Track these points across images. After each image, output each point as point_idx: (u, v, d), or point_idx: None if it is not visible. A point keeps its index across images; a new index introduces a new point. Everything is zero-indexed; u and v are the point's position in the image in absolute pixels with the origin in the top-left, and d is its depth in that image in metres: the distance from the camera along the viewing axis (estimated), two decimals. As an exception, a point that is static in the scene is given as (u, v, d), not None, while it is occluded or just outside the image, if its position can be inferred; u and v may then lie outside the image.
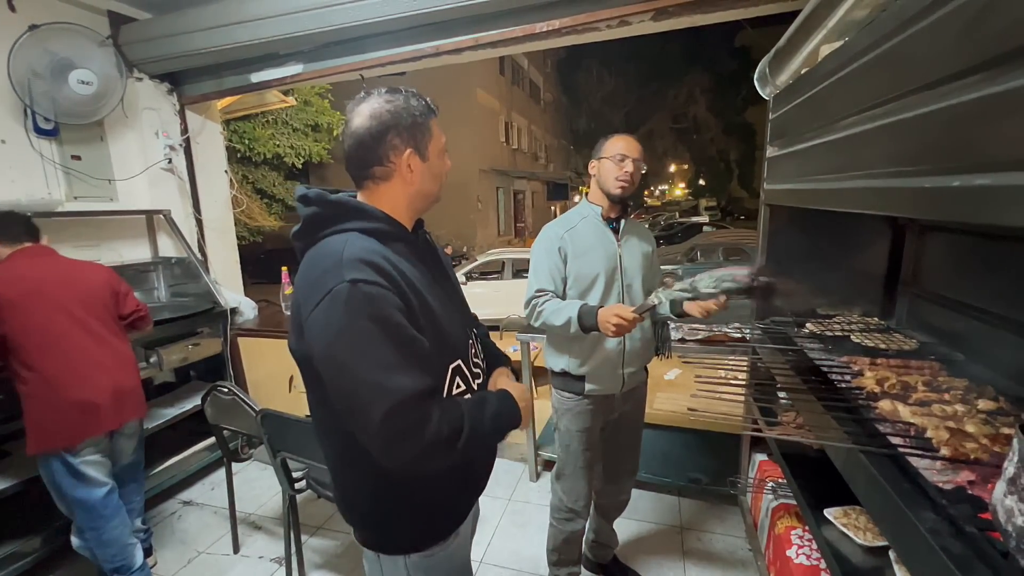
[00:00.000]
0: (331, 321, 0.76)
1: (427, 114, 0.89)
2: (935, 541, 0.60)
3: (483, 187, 15.48)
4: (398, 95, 0.87)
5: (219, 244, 3.06)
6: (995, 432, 0.80)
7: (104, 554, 1.72)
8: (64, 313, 1.64)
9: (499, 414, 0.90)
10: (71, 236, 2.44)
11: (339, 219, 0.86)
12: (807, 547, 1.44)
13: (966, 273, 1.27)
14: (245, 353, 2.86)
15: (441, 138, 0.93)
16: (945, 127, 0.62)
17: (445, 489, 0.95)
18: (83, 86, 2.27)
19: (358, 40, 2.28)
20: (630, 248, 1.55)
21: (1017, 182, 0.49)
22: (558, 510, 1.68)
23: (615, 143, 1.50)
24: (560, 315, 1.41)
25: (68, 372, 1.63)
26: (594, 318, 1.34)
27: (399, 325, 0.78)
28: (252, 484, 2.61)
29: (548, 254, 1.51)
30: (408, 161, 0.87)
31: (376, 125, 0.85)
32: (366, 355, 0.75)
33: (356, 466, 0.90)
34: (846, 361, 1.18)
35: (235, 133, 7.94)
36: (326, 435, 0.94)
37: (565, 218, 1.58)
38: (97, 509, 1.69)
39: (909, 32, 0.72)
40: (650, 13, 1.88)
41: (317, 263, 0.82)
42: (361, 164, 0.88)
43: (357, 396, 0.76)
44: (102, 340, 1.73)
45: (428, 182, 0.92)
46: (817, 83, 1.14)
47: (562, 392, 1.60)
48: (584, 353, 1.53)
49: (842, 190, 0.96)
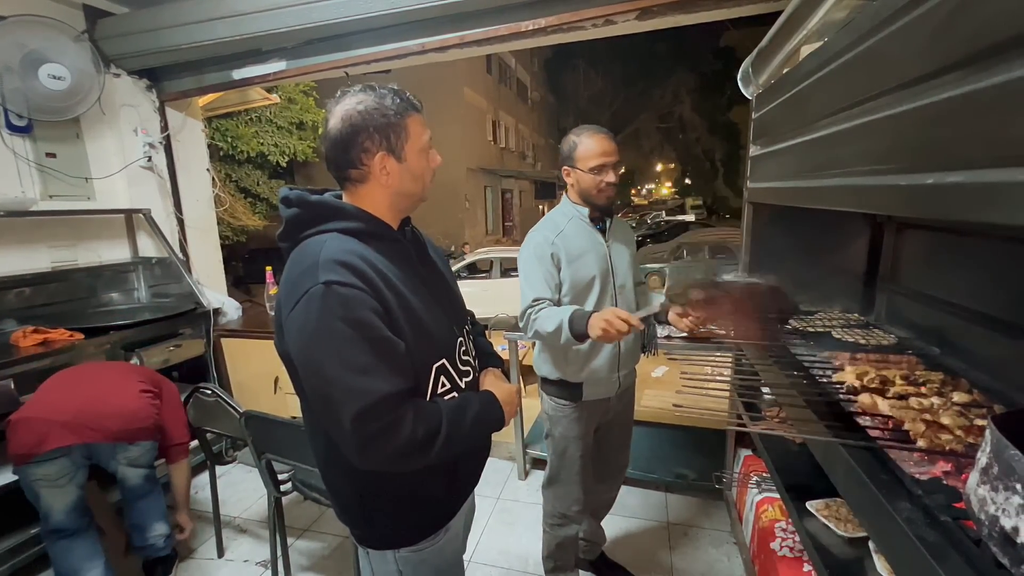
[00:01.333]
0: (306, 323, 0.76)
1: (404, 112, 0.86)
2: (911, 530, 0.61)
3: (471, 186, 15.43)
4: (371, 94, 0.85)
5: (201, 244, 3.01)
6: (969, 424, 0.82)
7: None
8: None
9: (479, 417, 0.90)
10: (47, 236, 2.38)
11: (319, 220, 0.86)
12: (790, 539, 1.47)
13: (941, 269, 1.30)
14: (229, 354, 2.81)
15: (422, 137, 0.90)
16: (919, 126, 0.64)
17: (432, 484, 0.95)
18: (54, 80, 2.20)
19: (342, 37, 2.26)
20: (618, 249, 1.53)
21: (988, 179, 0.50)
22: (552, 516, 1.66)
23: (590, 149, 1.42)
24: (551, 321, 1.32)
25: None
26: (585, 324, 1.26)
27: (373, 327, 0.78)
28: (237, 487, 2.57)
29: (540, 261, 1.44)
30: (382, 163, 0.86)
31: (347, 127, 0.83)
32: (338, 357, 0.75)
33: (340, 463, 0.89)
34: (827, 356, 1.20)
35: (217, 131, 7.81)
36: (313, 433, 0.94)
37: (551, 221, 1.52)
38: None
39: (884, 33, 0.73)
40: (635, 12, 1.89)
41: (297, 264, 0.82)
42: (338, 166, 0.87)
43: (330, 398, 0.77)
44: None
45: (408, 183, 0.90)
46: (797, 83, 1.16)
47: (557, 400, 1.55)
48: (581, 360, 1.49)
49: (821, 188, 0.98)
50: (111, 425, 1.63)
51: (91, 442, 1.60)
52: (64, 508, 1.60)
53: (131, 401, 1.70)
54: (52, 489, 1.58)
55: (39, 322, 2.13)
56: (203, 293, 2.70)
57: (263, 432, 1.68)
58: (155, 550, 1.83)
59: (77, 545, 1.63)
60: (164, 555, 1.86)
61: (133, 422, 1.67)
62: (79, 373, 1.77)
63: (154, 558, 1.85)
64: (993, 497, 0.52)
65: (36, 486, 1.57)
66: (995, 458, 0.53)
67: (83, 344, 2.11)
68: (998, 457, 0.52)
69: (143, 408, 1.71)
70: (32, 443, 1.52)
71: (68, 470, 1.60)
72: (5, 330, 2.14)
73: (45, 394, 1.65)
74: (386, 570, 0.96)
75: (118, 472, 1.73)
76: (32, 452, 1.52)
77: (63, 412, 1.57)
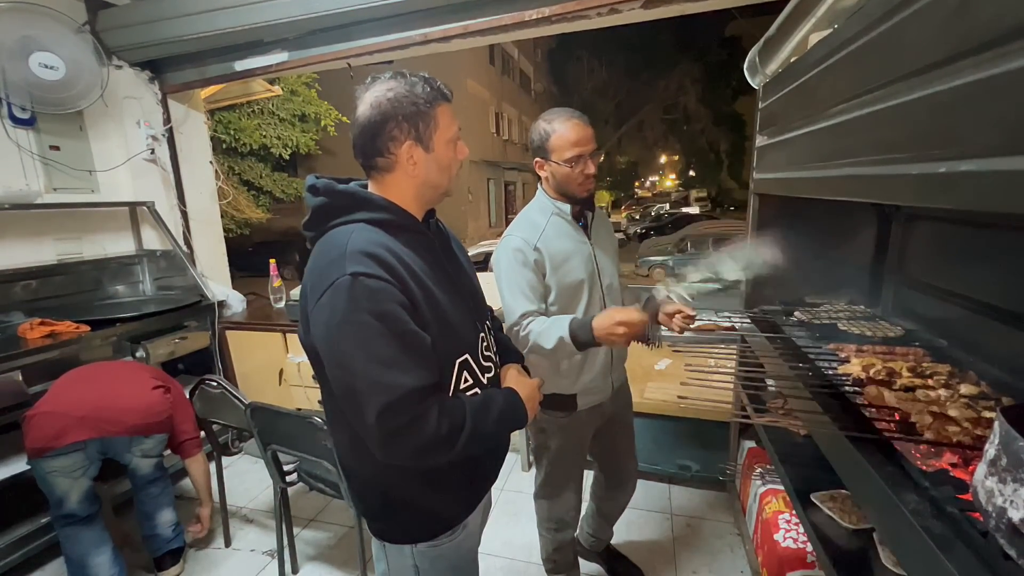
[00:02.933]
0: (333, 314, 0.75)
1: (434, 101, 0.85)
2: (917, 522, 0.61)
3: (474, 179, 15.40)
4: (402, 81, 0.84)
5: (205, 236, 3.01)
6: (977, 416, 0.81)
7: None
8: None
9: (504, 415, 0.90)
10: (52, 229, 2.39)
11: (347, 210, 0.85)
12: (794, 531, 1.47)
13: (949, 261, 1.29)
14: (233, 346, 2.83)
15: (451, 127, 0.88)
16: (931, 113, 0.63)
17: (454, 480, 0.95)
18: (46, 70, 2.15)
19: (344, 27, 2.24)
20: (601, 245, 1.43)
21: (1002, 167, 0.49)
22: (549, 521, 1.60)
23: (564, 138, 1.27)
24: (549, 337, 1.21)
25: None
26: (589, 332, 1.17)
27: (399, 320, 0.77)
28: (243, 478, 2.60)
29: (523, 268, 1.29)
30: (409, 152, 0.85)
31: (376, 115, 0.82)
32: (365, 350, 0.74)
33: (364, 457, 0.89)
34: (833, 348, 1.20)
35: (220, 123, 7.80)
36: (336, 426, 0.94)
37: (528, 221, 1.37)
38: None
39: (896, 19, 0.71)
40: (640, 1, 1.86)
41: (324, 254, 0.81)
42: (365, 154, 0.86)
43: (355, 391, 0.76)
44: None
45: (434, 174, 0.89)
46: (806, 72, 1.14)
47: (553, 412, 1.44)
48: (574, 371, 1.39)
49: (829, 178, 0.97)
50: (128, 419, 1.68)
51: (108, 436, 1.65)
52: (77, 497, 1.65)
53: (146, 395, 1.75)
54: (66, 479, 1.62)
55: (46, 314, 2.14)
56: (207, 286, 2.71)
57: (268, 424, 1.69)
58: (164, 541, 1.86)
59: (86, 531, 1.68)
60: (175, 548, 1.89)
61: (149, 416, 1.72)
62: (94, 371, 1.82)
63: (164, 552, 1.87)
64: (1001, 489, 0.52)
65: (51, 477, 1.61)
66: (1003, 450, 0.52)
67: (89, 336, 2.12)
68: (1006, 449, 0.52)
69: (158, 402, 1.76)
70: (50, 437, 1.56)
71: (82, 463, 1.65)
72: (12, 322, 2.15)
73: (62, 390, 1.69)
74: (402, 564, 0.96)
75: (131, 463, 1.78)
76: (50, 446, 1.56)
77: (80, 407, 1.62)
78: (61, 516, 1.65)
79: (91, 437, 1.61)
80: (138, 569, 1.94)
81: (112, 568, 1.70)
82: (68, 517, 1.65)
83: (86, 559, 1.67)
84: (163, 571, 1.87)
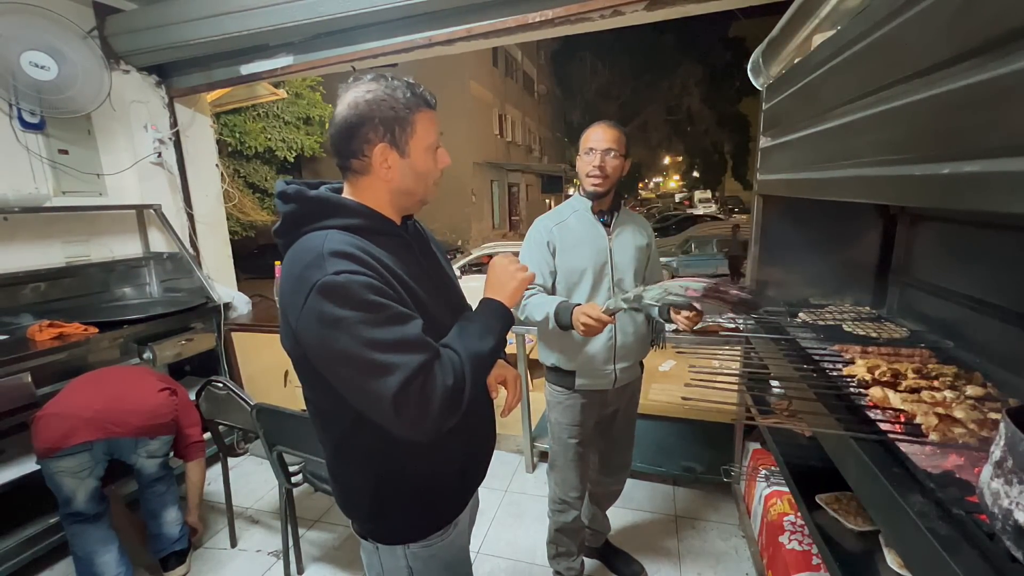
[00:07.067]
0: (323, 316, 0.74)
1: (413, 107, 0.84)
2: (923, 524, 0.61)
3: (477, 180, 15.41)
4: (383, 83, 0.83)
5: (211, 239, 3.03)
6: (983, 417, 0.81)
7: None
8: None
9: (487, 326, 0.89)
10: (60, 231, 2.42)
11: (319, 216, 0.84)
12: (799, 533, 1.46)
13: (955, 261, 1.29)
14: (239, 348, 2.85)
15: (430, 134, 0.87)
16: (935, 114, 0.63)
17: (443, 479, 0.95)
18: (37, 69, 2.15)
19: (349, 31, 2.26)
20: (622, 242, 1.52)
21: (1007, 168, 0.49)
22: (553, 501, 1.70)
23: (586, 134, 1.47)
24: (540, 310, 1.38)
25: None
26: (569, 316, 1.30)
27: (388, 306, 0.76)
28: (249, 478, 2.61)
29: (538, 247, 1.49)
30: (384, 156, 0.83)
31: (352, 115, 0.81)
32: (364, 341, 0.74)
33: (353, 458, 0.89)
34: (838, 350, 1.20)
35: (225, 126, 7.85)
36: (322, 429, 0.93)
37: (557, 211, 1.56)
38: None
39: (900, 20, 0.71)
40: (643, 3, 1.86)
41: (298, 261, 0.80)
42: (340, 154, 0.86)
43: (363, 383, 0.75)
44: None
45: (410, 180, 0.87)
46: (809, 72, 1.14)
47: (554, 386, 1.60)
48: (573, 349, 1.52)
49: (834, 179, 0.97)
50: (135, 421, 1.71)
51: (115, 437, 1.68)
52: (84, 496, 1.68)
53: (151, 397, 1.78)
54: (73, 479, 1.65)
55: (54, 316, 2.16)
56: (213, 288, 2.73)
57: (274, 425, 1.70)
58: (169, 540, 1.87)
59: (94, 529, 1.71)
60: (179, 549, 1.91)
61: (155, 418, 1.75)
62: (103, 375, 1.85)
63: (169, 552, 1.89)
64: (1007, 491, 0.52)
65: (58, 477, 1.64)
66: (1009, 451, 0.52)
67: (98, 338, 2.14)
68: (1013, 450, 0.52)
69: (164, 404, 1.79)
70: (58, 437, 1.59)
71: (88, 464, 1.68)
72: (22, 324, 2.18)
73: (71, 392, 1.72)
74: (396, 565, 0.95)
75: (136, 463, 1.81)
76: (58, 446, 1.59)
77: (88, 409, 1.65)
78: (69, 514, 1.68)
79: (98, 438, 1.64)
80: (144, 569, 1.95)
81: (119, 566, 1.72)
82: (76, 515, 1.68)
83: (93, 556, 1.70)
84: (169, 572, 1.89)
